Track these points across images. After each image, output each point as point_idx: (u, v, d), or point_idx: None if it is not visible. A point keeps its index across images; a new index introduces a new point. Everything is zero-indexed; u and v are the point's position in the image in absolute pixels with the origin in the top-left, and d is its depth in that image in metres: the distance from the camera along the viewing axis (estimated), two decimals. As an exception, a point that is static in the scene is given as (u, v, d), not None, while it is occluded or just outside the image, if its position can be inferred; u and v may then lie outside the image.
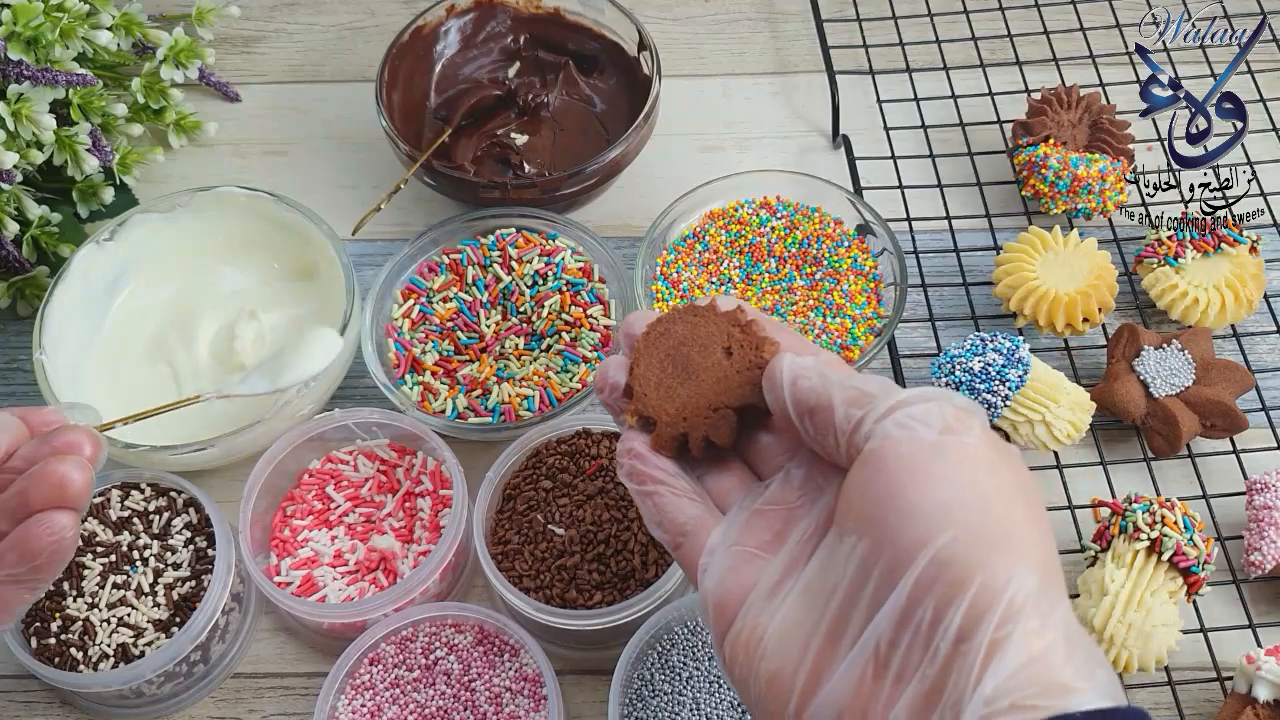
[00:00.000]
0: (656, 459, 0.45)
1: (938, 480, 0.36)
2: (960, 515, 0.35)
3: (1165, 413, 0.69)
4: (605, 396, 0.47)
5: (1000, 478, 0.37)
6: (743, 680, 0.40)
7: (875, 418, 0.38)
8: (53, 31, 0.76)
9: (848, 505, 0.38)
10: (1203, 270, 0.73)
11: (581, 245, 0.77)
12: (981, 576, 0.34)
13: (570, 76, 0.86)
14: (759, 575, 0.41)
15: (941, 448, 0.37)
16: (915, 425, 0.38)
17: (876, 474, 0.37)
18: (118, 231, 0.75)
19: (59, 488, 0.46)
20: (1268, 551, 0.64)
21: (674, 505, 0.44)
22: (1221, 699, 0.63)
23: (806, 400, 0.41)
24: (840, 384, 0.40)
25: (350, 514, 0.69)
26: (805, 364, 0.42)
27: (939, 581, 0.35)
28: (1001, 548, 0.35)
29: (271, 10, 0.96)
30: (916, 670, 0.35)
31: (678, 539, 0.44)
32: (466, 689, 0.62)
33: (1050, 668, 0.34)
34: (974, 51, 0.89)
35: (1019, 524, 0.36)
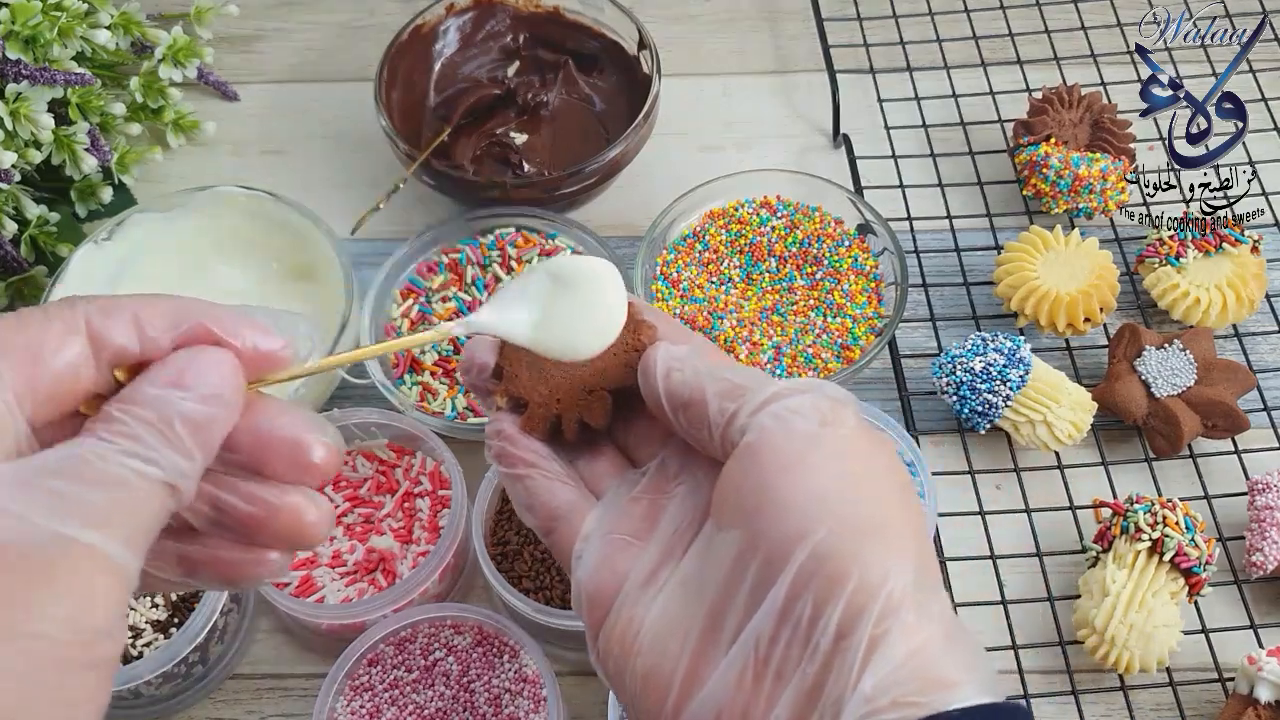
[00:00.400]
0: (527, 441, 0.43)
1: (813, 472, 0.36)
2: (836, 507, 0.35)
3: (1167, 413, 0.69)
4: (472, 378, 0.44)
5: (875, 469, 0.37)
6: (617, 676, 0.39)
7: (749, 411, 0.38)
8: (51, 30, 0.76)
9: (723, 499, 0.38)
10: (1204, 270, 0.73)
11: (581, 245, 0.77)
12: (858, 570, 0.34)
13: (570, 76, 0.85)
14: (634, 564, 0.40)
15: (816, 439, 0.37)
16: (790, 418, 0.37)
17: (751, 467, 0.37)
18: (116, 231, 0.75)
19: (292, 531, 0.37)
20: (1269, 552, 0.64)
21: (546, 489, 0.42)
22: (1223, 700, 0.63)
23: (680, 394, 0.40)
24: (713, 376, 0.39)
25: (349, 514, 0.69)
26: (679, 354, 0.41)
27: (817, 576, 0.34)
28: (877, 540, 0.35)
29: (270, 9, 0.96)
30: (797, 668, 0.34)
31: (550, 524, 0.42)
32: (466, 690, 0.62)
33: (930, 662, 0.33)
34: (975, 50, 0.89)
35: (894, 515, 0.36)
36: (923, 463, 0.66)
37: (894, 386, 0.74)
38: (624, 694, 0.39)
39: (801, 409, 0.37)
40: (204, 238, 0.77)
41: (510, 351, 0.43)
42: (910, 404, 0.73)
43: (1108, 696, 0.64)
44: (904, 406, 0.73)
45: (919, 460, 0.66)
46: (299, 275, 0.77)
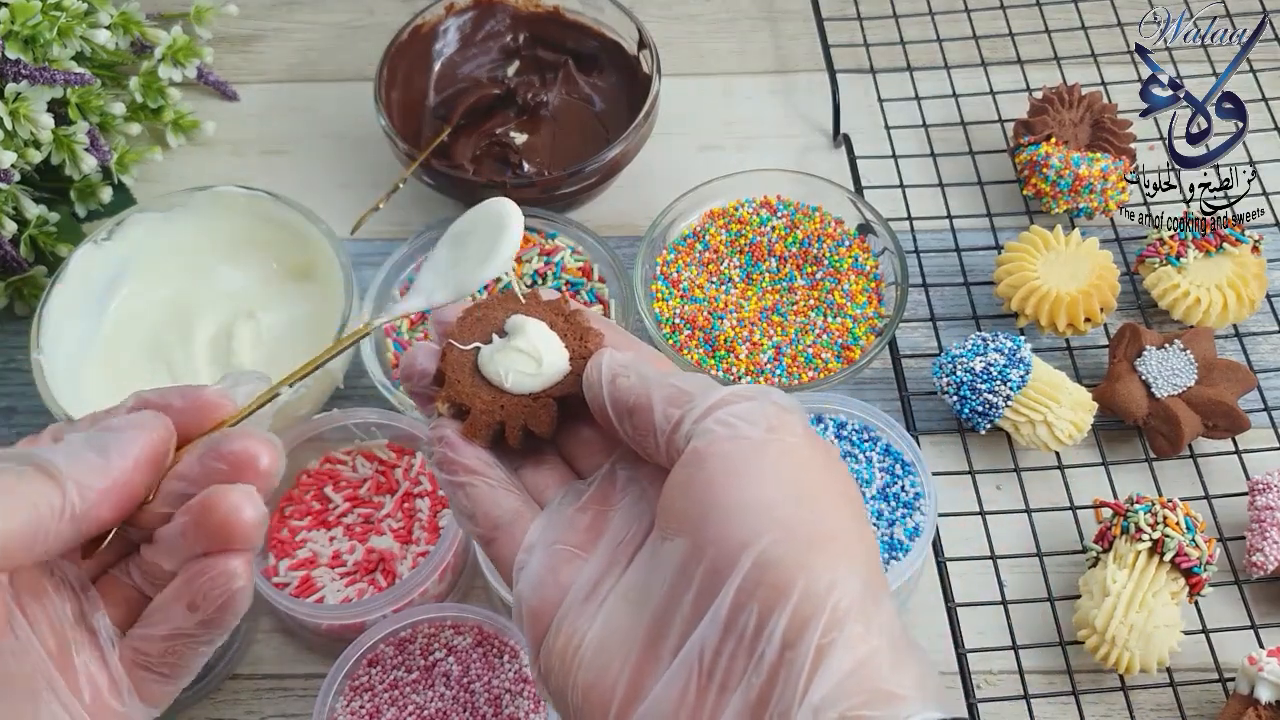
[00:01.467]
0: (470, 448, 0.42)
1: (758, 480, 0.35)
2: (781, 515, 0.35)
3: (1167, 413, 0.69)
4: (413, 385, 0.44)
5: (821, 477, 0.36)
6: (559, 692, 0.38)
7: (694, 418, 0.37)
8: (50, 30, 0.76)
9: (668, 506, 0.37)
10: (1205, 270, 0.73)
11: (581, 245, 0.77)
12: (804, 580, 0.33)
13: (570, 75, 0.85)
14: (577, 576, 0.39)
15: (762, 446, 0.36)
16: (736, 424, 0.37)
17: (696, 473, 0.36)
18: (116, 231, 0.75)
19: (225, 526, 0.37)
20: (1270, 552, 0.64)
21: (488, 497, 0.41)
22: (1223, 700, 0.63)
23: (625, 400, 0.39)
24: (659, 382, 0.39)
25: (349, 515, 0.68)
26: (623, 360, 0.40)
27: (762, 585, 0.34)
28: (823, 548, 0.34)
29: (270, 9, 0.96)
30: (742, 679, 0.34)
31: (491, 533, 0.41)
32: (466, 690, 0.62)
33: (877, 674, 0.33)
34: (975, 50, 0.89)
35: (841, 523, 0.35)
36: (923, 463, 0.66)
37: (894, 386, 0.74)
38: (565, 710, 0.38)
39: (748, 416, 0.37)
40: (204, 238, 0.77)
41: (453, 357, 0.43)
42: (910, 404, 0.73)
43: (1108, 697, 0.64)
44: (904, 406, 0.73)
45: (919, 460, 0.66)
46: (299, 275, 0.77)
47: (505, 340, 0.43)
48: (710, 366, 0.72)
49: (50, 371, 0.69)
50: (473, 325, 0.44)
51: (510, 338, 0.43)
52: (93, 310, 0.74)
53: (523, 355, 0.42)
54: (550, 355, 0.42)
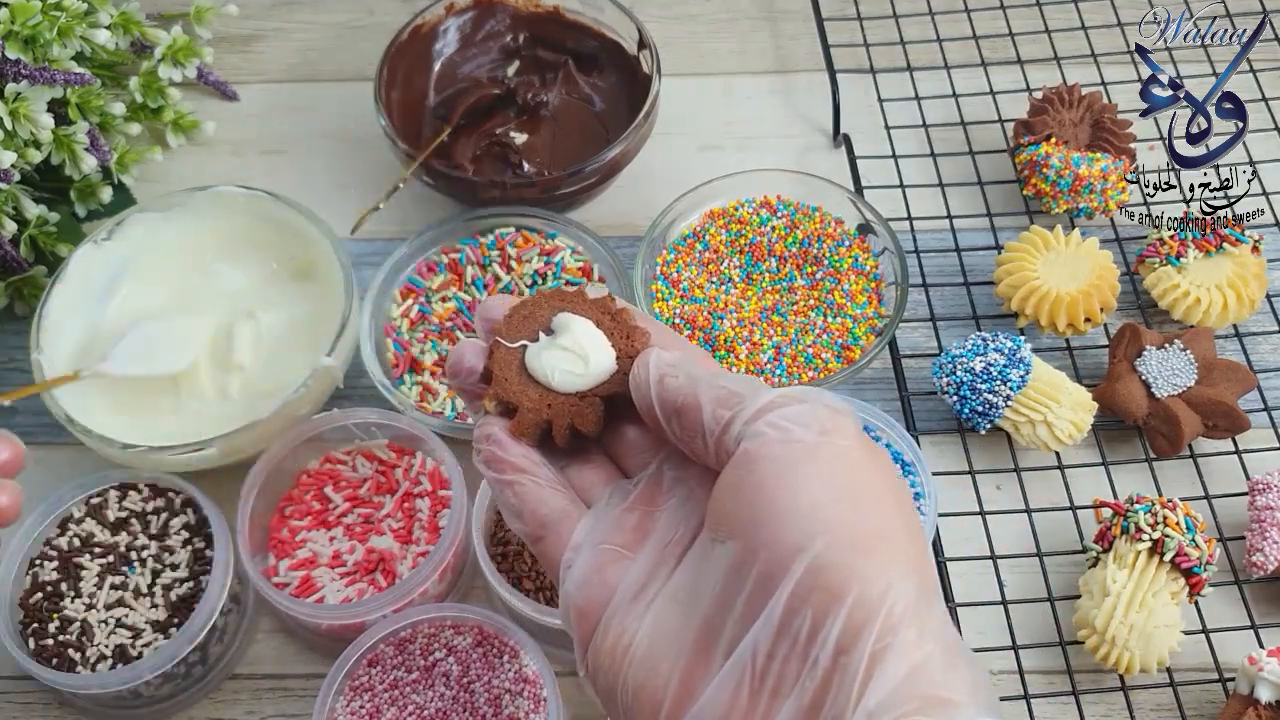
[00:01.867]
0: (517, 446, 0.41)
1: (811, 483, 0.35)
2: (835, 519, 0.34)
3: (1167, 413, 0.69)
4: (460, 382, 0.44)
5: (874, 479, 0.36)
6: (608, 691, 0.38)
7: (744, 419, 0.37)
8: (51, 30, 0.76)
9: (719, 509, 0.37)
10: (1205, 270, 0.73)
11: (581, 245, 0.77)
12: (859, 584, 0.33)
13: (570, 75, 0.85)
14: (625, 576, 0.39)
15: (814, 449, 0.36)
16: (788, 427, 0.36)
17: (748, 476, 0.36)
18: (115, 231, 0.75)
19: None
20: (1270, 552, 0.64)
21: (536, 495, 0.41)
22: (1223, 700, 0.63)
23: (673, 400, 0.39)
24: (708, 383, 0.39)
25: (349, 515, 0.68)
26: (671, 360, 0.40)
27: (815, 590, 0.33)
28: (878, 552, 0.34)
29: (270, 9, 0.96)
30: (795, 684, 0.34)
31: (539, 532, 0.41)
32: (466, 690, 0.62)
33: (930, 680, 0.33)
34: (975, 50, 0.89)
35: (895, 527, 0.35)
36: (923, 463, 0.66)
37: (894, 386, 0.74)
38: (614, 709, 0.38)
39: (799, 418, 0.36)
40: (204, 238, 0.77)
41: (500, 355, 0.43)
42: (910, 404, 0.73)
43: (1108, 696, 0.64)
44: (904, 406, 0.73)
45: (919, 460, 0.66)
46: (299, 275, 0.76)
47: (552, 338, 0.43)
48: (710, 366, 0.72)
49: (50, 371, 0.69)
50: (520, 322, 0.44)
51: (557, 336, 0.43)
52: (93, 310, 0.74)
53: (569, 354, 0.42)
54: (596, 354, 0.42)
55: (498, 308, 0.44)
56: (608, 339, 0.43)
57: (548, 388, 0.42)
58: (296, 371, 0.69)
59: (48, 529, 0.66)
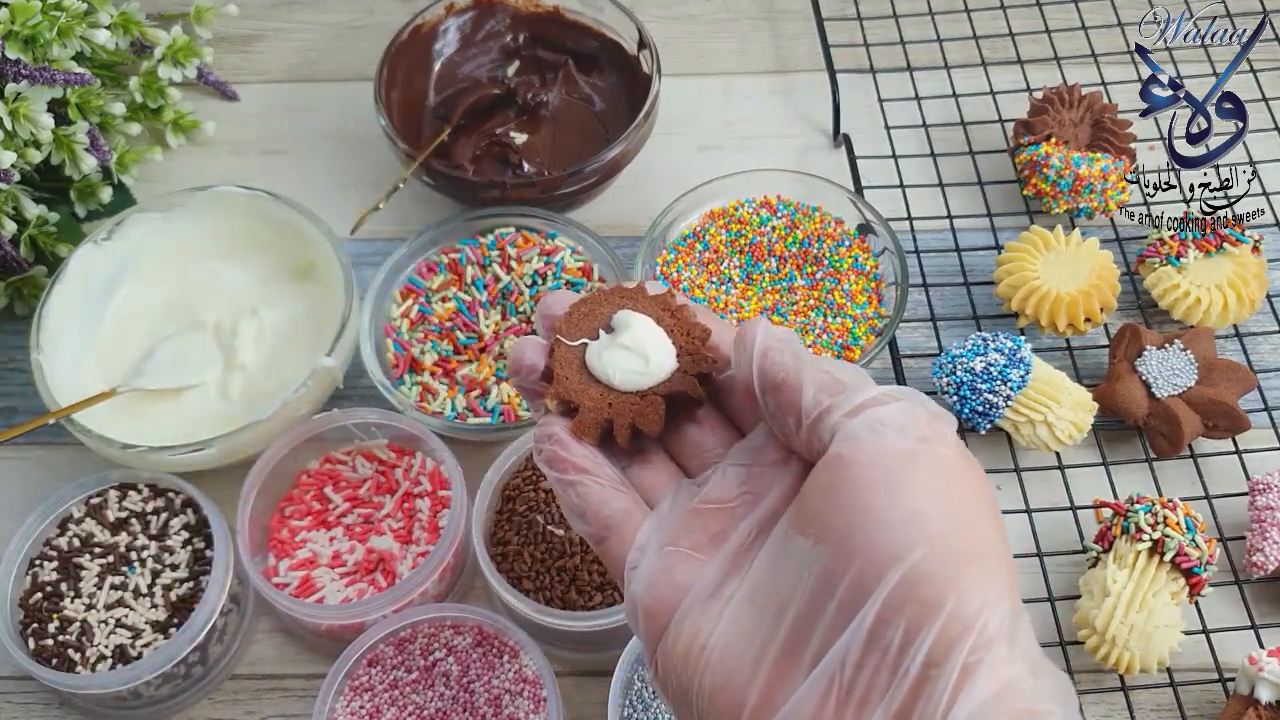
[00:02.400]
0: (579, 446, 0.41)
1: (910, 491, 0.34)
2: (933, 530, 0.34)
3: (1167, 413, 0.69)
4: (521, 379, 0.43)
5: (973, 492, 0.36)
6: (681, 693, 0.37)
7: (845, 411, 0.36)
8: (50, 30, 0.76)
9: (808, 509, 0.36)
10: (1205, 270, 0.73)
11: (581, 245, 0.77)
12: (954, 598, 0.33)
13: (570, 75, 0.85)
14: (695, 577, 0.38)
15: (914, 456, 0.35)
16: (886, 430, 0.36)
17: (844, 480, 0.35)
18: (115, 231, 0.75)
19: None
20: (1270, 552, 0.64)
21: (599, 496, 0.40)
22: (1224, 700, 0.63)
23: (774, 374, 0.38)
24: (812, 364, 0.38)
25: (349, 515, 0.68)
26: (780, 335, 0.39)
27: (910, 601, 0.33)
28: (974, 566, 0.33)
29: (270, 9, 0.96)
30: (883, 695, 0.33)
31: (602, 533, 0.40)
32: (465, 690, 0.62)
33: (1020, 694, 0.32)
34: (975, 50, 0.89)
35: (991, 542, 0.35)
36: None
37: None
38: (688, 712, 0.37)
39: (899, 421, 0.36)
40: (204, 238, 0.77)
41: (561, 353, 0.42)
42: (910, 404, 0.73)
43: (1108, 697, 0.64)
44: (904, 406, 0.73)
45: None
46: (299, 275, 0.77)
47: (612, 337, 0.42)
48: (710, 366, 0.72)
49: (50, 371, 0.69)
50: (580, 320, 0.43)
51: (617, 334, 0.42)
52: (93, 310, 0.74)
53: (629, 353, 0.42)
54: (657, 353, 0.42)
55: (559, 304, 0.44)
56: (668, 337, 0.42)
57: (609, 386, 0.42)
58: (296, 372, 0.69)
59: (48, 529, 0.66)
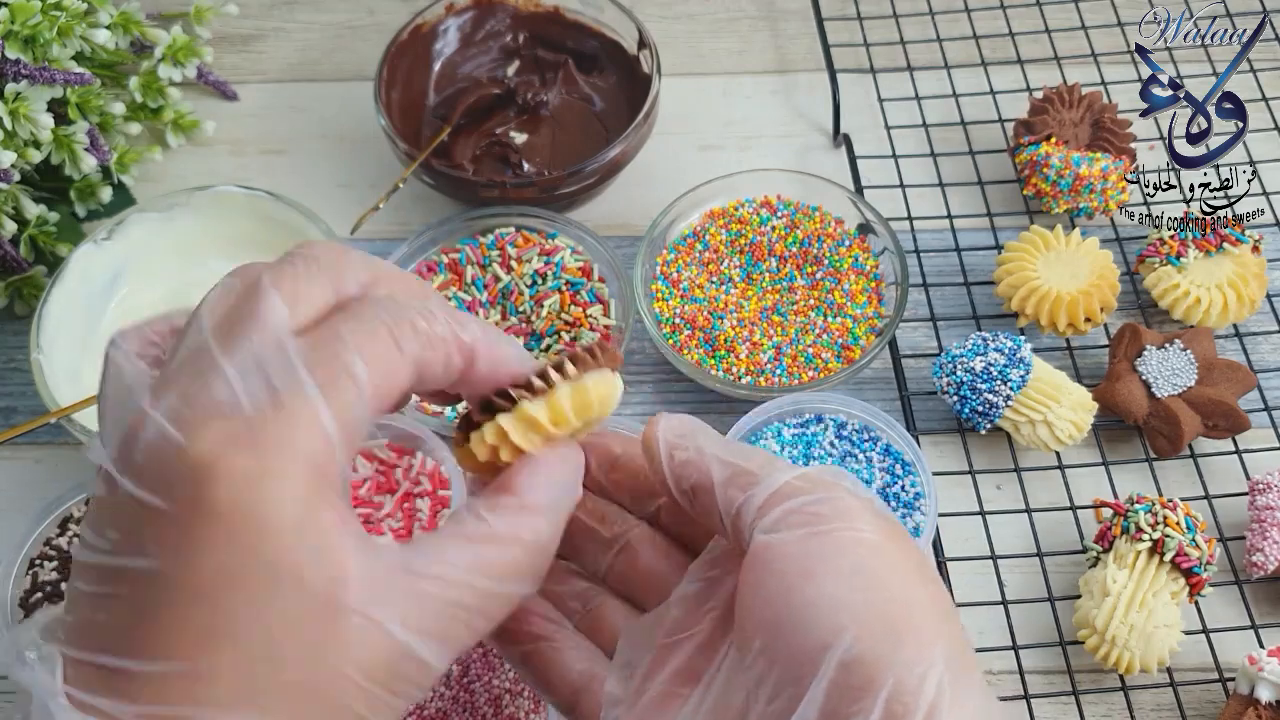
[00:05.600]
0: (527, 612, 0.40)
1: (830, 577, 0.34)
2: (861, 611, 0.33)
3: (1167, 413, 0.69)
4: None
5: (896, 561, 0.35)
6: None
7: (757, 505, 0.36)
8: (50, 30, 0.76)
9: (744, 614, 0.36)
10: (1205, 270, 0.73)
11: (581, 245, 0.77)
12: (892, 676, 0.32)
13: (570, 75, 0.85)
14: (674, 715, 0.37)
15: (832, 540, 0.34)
16: (799, 521, 0.35)
17: (766, 577, 0.35)
18: (115, 231, 0.75)
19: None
20: (1270, 552, 0.64)
21: (560, 661, 0.39)
22: (1223, 700, 0.63)
23: (686, 477, 0.38)
24: (718, 459, 0.37)
25: (349, 514, 0.68)
26: (679, 429, 0.39)
27: (849, 688, 0.32)
28: (908, 639, 0.33)
29: (270, 9, 0.96)
30: None
31: (571, 699, 0.39)
32: (465, 690, 0.62)
33: None
34: (975, 50, 0.89)
35: (922, 607, 0.34)
36: (923, 463, 0.66)
37: (894, 386, 0.74)
38: None
39: (811, 510, 0.35)
40: (203, 237, 0.77)
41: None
42: (910, 404, 0.73)
43: (1108, 697, 0.64)
44: (904, 406, 0.73)
45: (919, 460, 0.66)
46: (299, 275, 0.76)
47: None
48: (710, 366, 0.72)
49: (50, 371, 0.69)
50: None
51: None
52: (93, 310, 0.74)
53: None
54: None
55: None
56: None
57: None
58: (296, 371, 0.69)
59: (48, 529, 0.66)
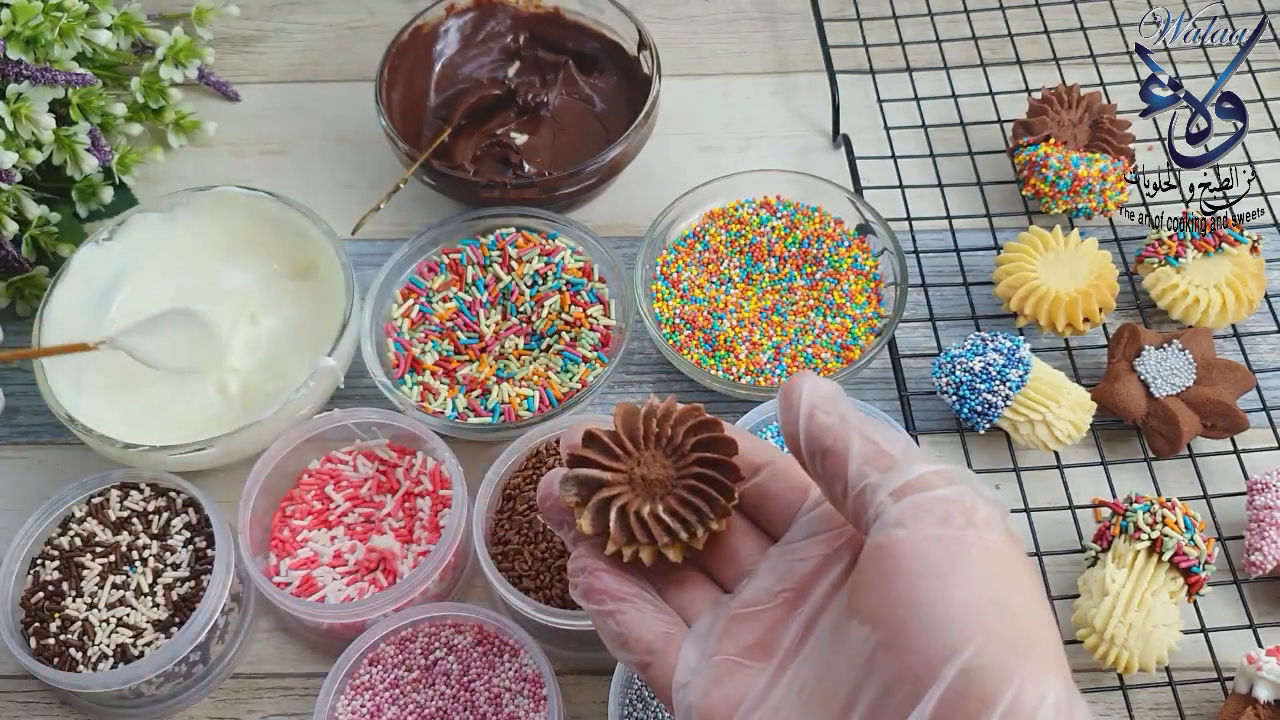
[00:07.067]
0: (612, 576, 0.42)
1: (960, 582, 0.34)
2: (988, 623, 0.33)
3: (1166, 413, 0.69)
4: (548, 508, 0.44)
5: (1021, 578, 0.35)
6: None
7: (890, 490, 0.36)
8: (52, 31, 0.76)
9: (859, 601, 0.36)
10: (1203, 270, 0.73)
11: (581, 245, 0.77)
12: (1011, 691, 0.33)
13: (570, 76, 0.85)
14: (747, 686, 0.38)
15: (961, 545, 0.35)
16: (932, 517, 0.35)
17: (893, 571, 0.35)
18: (117, 231, 0.75)
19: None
20: (1268, 551, 0.64)
21: (639, 622, 0.41)
22: (1222, 699, 0.63)
23: (821, 439, 0.38)
24: (860, 432, 0.38)
25: (350, 514, 0.69)
26: (826, 394, 0.39)
27: (969, 696, 0.33)
28: (1030, 657, 0.33)
29: (271, 9, 0.96)
30: None
31: (646, 658, 0.41)
32: (466, 689, 0.62)
33: None
34: (974, 51, 0.89)
35: (1044, 630, 0.34)
36: (922, 462, 0.66)
37: (894, 386, 0.74)
38: None
39: (945, 509, 0.36)
40: (205, 238, 0.77)
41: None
42: (910, 404, 0.73)
43: (1107, 696, 0.64)
44: (903, 406, 0.73)
45: (918, 460, 0.66)
46: (299, 275, 0.77)
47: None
48: (710, 366, 0.72)
49: (51, 372, 0.69)
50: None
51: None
52: (94, 310, 0.75)
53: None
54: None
55: (577, 433, 0.44)
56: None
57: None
58: (297, 372, 0.69)
59: (49, 528, 0.66)
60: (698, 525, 0.42)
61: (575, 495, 0.42)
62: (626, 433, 0.43)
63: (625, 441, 0.43)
